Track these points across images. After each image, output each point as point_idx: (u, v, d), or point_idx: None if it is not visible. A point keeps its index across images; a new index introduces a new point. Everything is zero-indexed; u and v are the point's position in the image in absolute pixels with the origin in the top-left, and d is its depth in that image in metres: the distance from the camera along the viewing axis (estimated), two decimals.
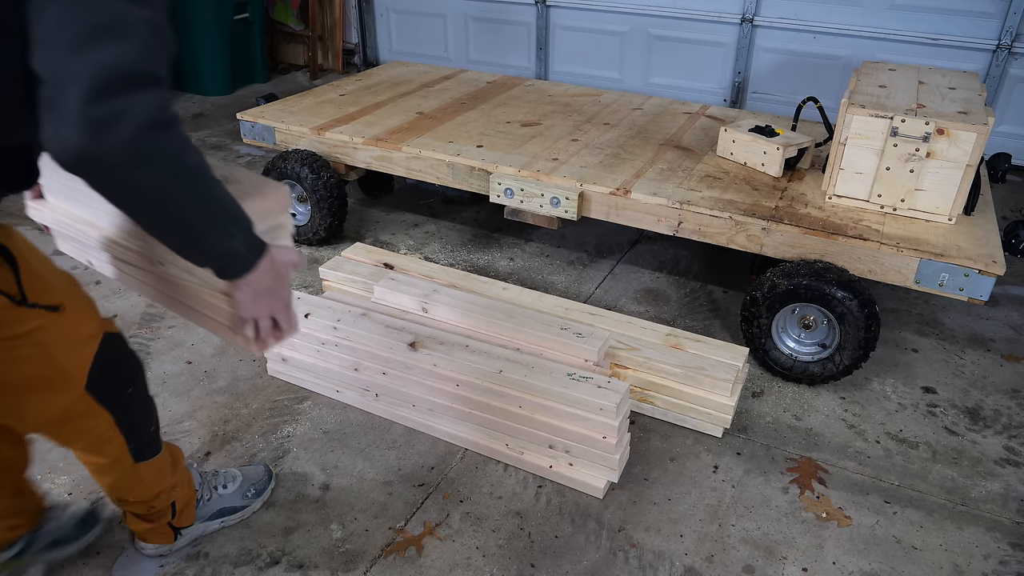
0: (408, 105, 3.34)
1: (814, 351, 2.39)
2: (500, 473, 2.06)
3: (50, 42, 0.93)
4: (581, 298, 2.92)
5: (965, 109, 2.28)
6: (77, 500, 1.90)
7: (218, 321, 1.31)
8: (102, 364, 1.28)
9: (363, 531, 1.87)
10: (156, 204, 1.03)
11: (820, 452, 2.17)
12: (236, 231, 1.13)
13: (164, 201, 1.03)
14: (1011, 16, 3.83)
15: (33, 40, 0.95)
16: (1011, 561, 1.84)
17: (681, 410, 2.20)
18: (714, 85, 4.65)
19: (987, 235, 2.28)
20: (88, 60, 0.92)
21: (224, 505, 1.85)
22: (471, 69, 4.16)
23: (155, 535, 1.74)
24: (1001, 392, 2.45)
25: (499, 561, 1.80)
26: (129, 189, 1.00)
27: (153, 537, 1.74)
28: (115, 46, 0.94)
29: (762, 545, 1.86)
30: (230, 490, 1.87)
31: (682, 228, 2.47)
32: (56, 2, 0.93)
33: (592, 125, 3.15)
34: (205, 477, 1.85)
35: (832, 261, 2.27)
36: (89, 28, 0.93)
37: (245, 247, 1.15)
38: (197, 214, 1.07)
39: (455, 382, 2.07)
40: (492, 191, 2.72)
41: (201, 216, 1.08)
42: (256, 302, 1.21)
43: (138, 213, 1.05)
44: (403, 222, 3.52)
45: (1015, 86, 4.00)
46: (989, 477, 2.10)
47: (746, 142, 2.70)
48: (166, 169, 1.00)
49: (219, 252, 1.12)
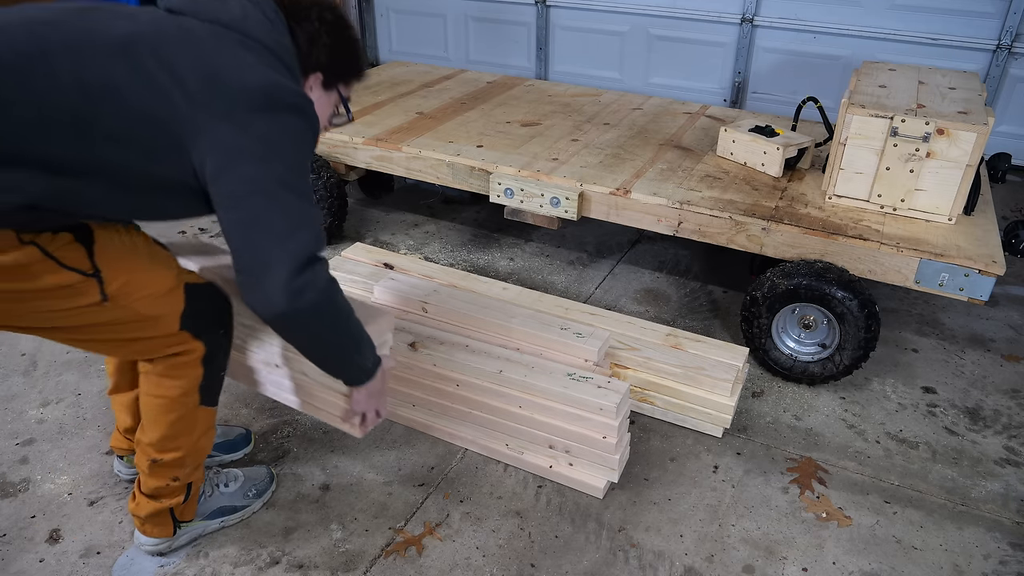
0: (408, 105, 3.34)
1: (814, 351, 2.39)
2: (500, 473, 2.06)
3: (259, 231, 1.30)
4: (581, 298, 2.92)
5: (965, 109, 2.28)
6: None
7: (326, 410, 1.76)
8: (192, 308, 1.50)
9: (363, 531, 1.87)
10: (321, 343, 1.47)
11: (820, 452, 2.17)
12: (368, 354, 1.56)
13: (326, 341, 1.47)
14: (1011, 16, 3.83)
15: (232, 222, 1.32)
16: (1011, 561, 1.84)
17: (681, 410, 2.20)
18: (714, 85, 4.65)
19: (987, 235, 2.28)
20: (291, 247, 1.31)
21: (224, 504, 1.85)
22: (471, 69, 4.16)
23: (156, 524, 1.73)
24: (1001, 392, 2.45)
25: (499, 561, 1.80)
26: (307, 334, 1.44)
27: (153, 528, 1.73)
28: (305, 236, 1.33)
29: (762, 545, 1.86)
30: (231, 489, 1.87)
31: (682, 228, 2.47)
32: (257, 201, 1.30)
33: (592, 125, 3.15)
34: (208, 474, 1.85)
35: (832, 261, 2.27)
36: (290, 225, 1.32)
37: (371, 364, 1.58)
38: (345, 346, 1.51)
39: (455, 382, 2.07)
40: (492, 191, 2.72)
41: (347, 347, 1.51)
42: (368, 400, 1.65)
43: (307, 349, 1.48)
44: (403, 222, 3.52)
45: (1015, 86, 4.00)
46: (989, 477, 2.10)
47: (746, 142, 2.70)
48: (333, 318, 1.44)
49: (354, 370, 1.56)
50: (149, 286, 1.44)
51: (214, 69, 1.29)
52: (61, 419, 2.22)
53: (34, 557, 1.78)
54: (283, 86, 1.34)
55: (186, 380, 1.57)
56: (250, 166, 1.30)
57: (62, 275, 1.33)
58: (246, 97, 1.29)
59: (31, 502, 1.94)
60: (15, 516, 1.89)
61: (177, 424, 1.61)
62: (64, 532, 1.85)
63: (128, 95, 1.24)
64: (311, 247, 1.34)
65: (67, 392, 2.34)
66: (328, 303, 1.40)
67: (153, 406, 1.59)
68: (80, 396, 2.32)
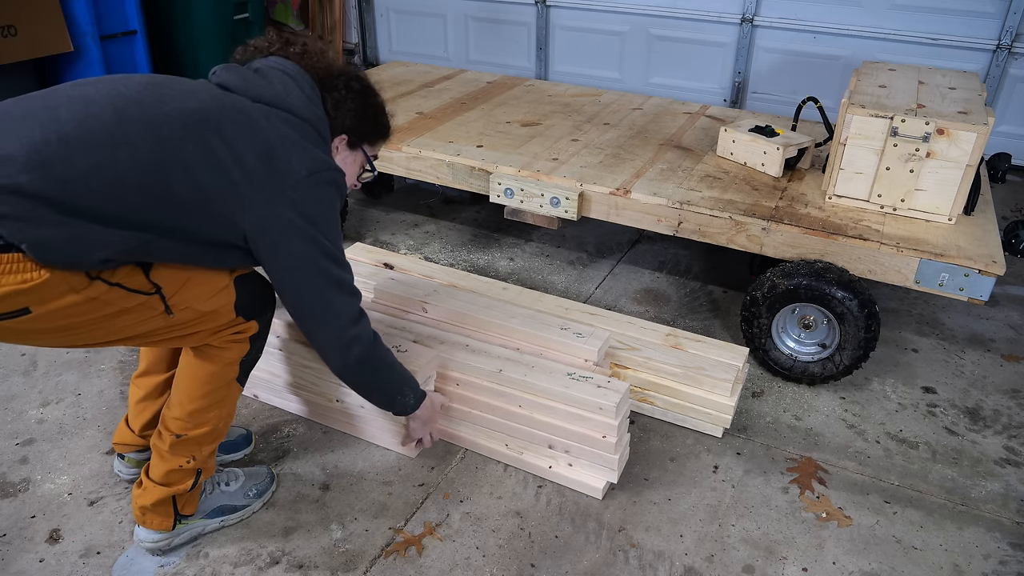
0: (408, 105, 3.34)
1: (814, 351, 2.39)
2: (500, 473, 2.06)
3: (310, 300, 1.59)
4: (581, 298, 2.92)
5: (965, 109, 2.28)
6: None
7: (383, 435, 2.11)
8: (242, 297, 1.65)
9: (363, 531, 1.87)
10: (370, 385, 1.78)
11: (820, 452, 2.17)
12: (409, 392, 1.84)
13: (374, 383, 1.78)
14: (1011, 16, 3.83)
15: (286, 293, 1.59)
16: (1011, 561, 1.84)
17: (681, 410, 2.20)
18: (714, 85, 4.65)
19: (987, 235, 2.28)
20: (337, 310, 1.62)
21: (225, 503, 1.85)
22: (471, 69, 4.16)
23: (158, 515, 1.73)
24: (1001, 392, 2.45)
25: (499, 561, 1.80)
26: (359, 380, 1.75)
27: (153, 519, 1.73)
28: (346, 299, 1.63)
29: (762, 545, 1.86)
30: (232, 488, 1.88)
31: (682, 228, 2.47)
32: (306, 275, 1.56)
33: (592, 125, 3.15)
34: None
35: (832, 261, 2.27)
36: (334, 291, 1.59)
37: (414, 399, 1.86)
38: (389, 387, 1.80)
39: (455, 382, 2.07)
40: (492, 191, 2.72)
41: (391, 387, 1.81)
42: (421, 427, 1.97)
43: (360, 390, 1.79)
44: (403, 222, 3.52)
45: (1015, 86, 4.00)
46: (989, 477, 2.10)
47: (746, 142, 2.70)
48: (377, 365, 1.73)
49: (400, 405, 1.85)
50: (205, 288, 1.59)
51: (268, 148, 1.48)
52: (61, 419, 2.22)
53: (34, 557, 1.78)
54: (324, 163, 1.55)
55: (233, 352, 1.70)
56: (298, 242, 1.52)
57: (129, 298, 1.47)
58: (293, 178, 1.50)
59: (31, 502, 1.94)
60: (15, 516, 1.89)
61: (212, 396, 1.71)
62: (64, 532, 1.85)
63: (195, 169, 1.42)
64: (353, 307, 1.64)
65: (67, 392, 2.34)
66: (373, 354, 1.69)
67: (196, 376, 1.69)
68: (80, 396, 2.32)
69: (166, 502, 1.73)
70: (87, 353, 2.50)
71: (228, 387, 1.73)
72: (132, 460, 1.94)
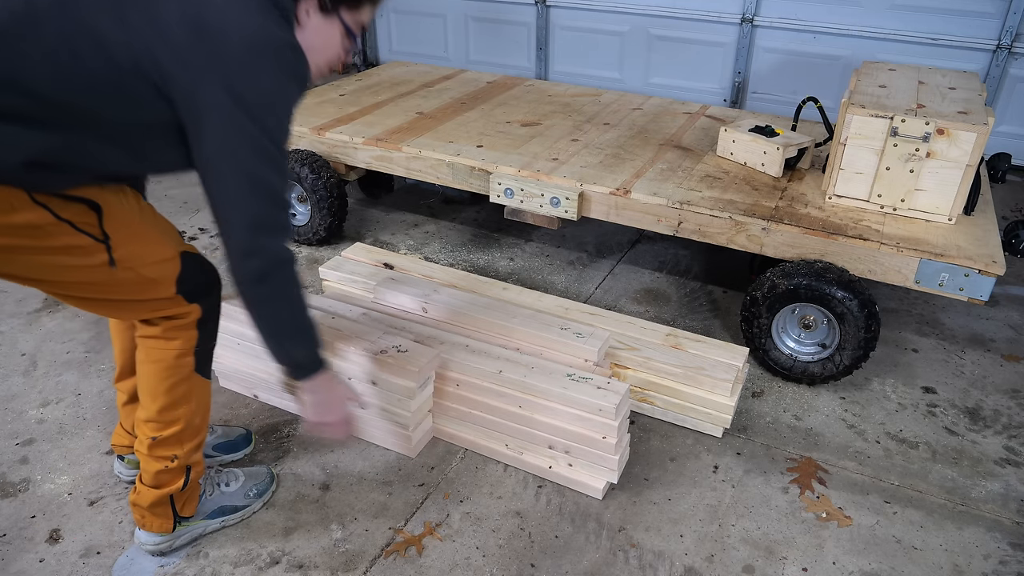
0: (408, 105, 3.34)
1: (814, 351, 2.39)
2: (500, 473, 2.06)
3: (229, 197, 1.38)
4: (581, 298, 2.92)
5: (965, 109, 2.28)
6: None
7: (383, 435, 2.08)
8: (186, 274, 1.56)
9: (363, 531, 1.87)
10: (262, 313, 1.50)
11: (820, 452, 2.17)
12: (302, 348, 1.57)
13: (266, 313, 1.50)
14: (1011, 16, 3.83)
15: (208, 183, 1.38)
16: (1011, 561, 1.84)
17: (681, 410, 2.20)
18: (714, 85, 4.65)
19: (987, 235, 2.28)
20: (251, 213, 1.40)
21: (225, 503, 1.85)
22: (471, 69, 4.16)
23: (157, 516, 1.73)
24: (1001, 392, 2.45)
25: (499, 561, 1.80)
26: (247, 299, 1.47)
27: (153, 521, 1.73)
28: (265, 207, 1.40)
29: (762, 545, 1.86)
30: (232, 488, 1.87)
31: (682, 228, 2.47)
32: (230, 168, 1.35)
33: (592, 125, 3.15)
34: (208, 473, 1.85)
35: (832, 261, 2.27)
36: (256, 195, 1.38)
37: (306, 360, 1.59)
38: (279, 327, 1.53)
39: (455, 382, 2.07)
40: (492, 191, 2.72)
41: (281, 328, 1.54)
42: (317, 409, 1.67)
43: (249, 314, 1.49)
44: (403, 222, 3.52)
45: (1015, 86, 4.00)
46: (989, 477, 2.10)
47: (746, 142, 2.70)
48: (273, 292, 1.48)
49: (285, 356, 1.57)
50: (152, 253, 1.51)
51: (196, 13, 1.26)
52: (61, 419, 2.22)
53: (34, 557, 1.78)
54: (268, 32, 1.30)
55: (182, 341, 1.62)
56: (223, 129, 1.31)
57: (75, 237, 1.39)
58: (228, 51, 1.27)
59: (31, 502, 1.94)
60: (15, 516, 1.89)
61: (174, 391, 1.64)
62: (64, 532, 1.85)
63: (111, 47, 1.24)
64: (271, 216, 1.42)
65: (67, 392, 2.34)
66: (275, 278, 1.46)
67: (151, 373, 1.63)
68: (80, 396, 2.32)
69: (163, 503, 1.72)
70: (87, 353, 2.51)
71: (188, 381, 1.65)
72: (131, 461, 1.94)
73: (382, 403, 2.02)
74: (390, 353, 1.99)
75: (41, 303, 2.80)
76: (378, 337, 2.06)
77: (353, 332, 2.10)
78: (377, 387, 2.01)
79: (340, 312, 2.25)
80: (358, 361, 2.02)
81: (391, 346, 2.02)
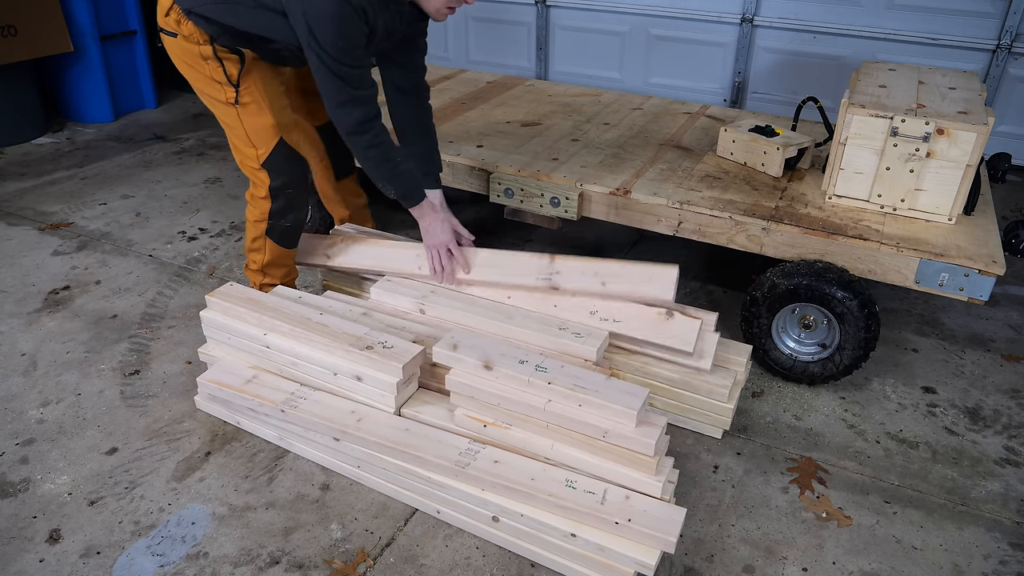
0: None
1: (814, 351, 2.39)
2: None
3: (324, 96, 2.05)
4: None
5: (965, 109, 2.28)
6: None
7: None
8: (274, 157, 2.26)
9: (363, 531, 1.87)
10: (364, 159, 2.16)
11: (820, 452, 2.17)
12: (399, 187, 2.22)
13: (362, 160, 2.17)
14: (1011, 16, 3.83)
15: None
16: (1011, 561, 1.84)
17: (681, 411, 2.20)
18: (714, 85, 4.65)
19: (987, 235, 2.28)
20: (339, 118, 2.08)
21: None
22: (471, 69, 4.16)
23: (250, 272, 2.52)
24: (1001, 392, 2.45)
25: (499, 561, 1.80)
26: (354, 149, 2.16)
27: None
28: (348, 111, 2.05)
29: (762, 545, 1.86)
30: None
31: (682, 228, 2.47)
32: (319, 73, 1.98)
33: (592, 125, 3.15)
34: None
35: (832, 261, 2.27)
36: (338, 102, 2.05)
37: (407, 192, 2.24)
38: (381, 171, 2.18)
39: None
40: (492, 191, 2.72)
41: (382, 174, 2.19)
42: (427, 237, 2.31)
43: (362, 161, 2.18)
44: (403, 222, 3.51)
45: (1015, 86, 4.00)
46: (989, 477, 2.10)
47: (746, 142, 2.70)
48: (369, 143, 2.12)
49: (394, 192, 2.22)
50: (259, 116, 2.20)
51: None
52: (61, 419, 2.22)
53: (34, 557, 1.78)
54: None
55: (259, 210, 2.34)
56: (304, 41, 1.93)
57: (218, 72, 2.14)
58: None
59: (31, 502, 1.94)
60: (15, 516, 1.90)
61: (251, 240, 2.42)
62: (64, 532, 1.85)
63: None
64: (352, 119, 2.04)
65: (67, 392, 2.34)
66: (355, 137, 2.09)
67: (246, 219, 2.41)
68: (80, 396, 2.32)
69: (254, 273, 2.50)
70: (87, 353, 2.51)
71: (263, 239, 2.38)
72: None
73: (369, 400, 2.01)
74: (376, 349, 1.99)
75: (41, 303, 2.80)
76: (365, 333, 2.05)
77: (343, 329, 2.07)
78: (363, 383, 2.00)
79: (340, 311, 2.24)
80: (344, 355, 2.00)
81: (377, 342, 2.01)
